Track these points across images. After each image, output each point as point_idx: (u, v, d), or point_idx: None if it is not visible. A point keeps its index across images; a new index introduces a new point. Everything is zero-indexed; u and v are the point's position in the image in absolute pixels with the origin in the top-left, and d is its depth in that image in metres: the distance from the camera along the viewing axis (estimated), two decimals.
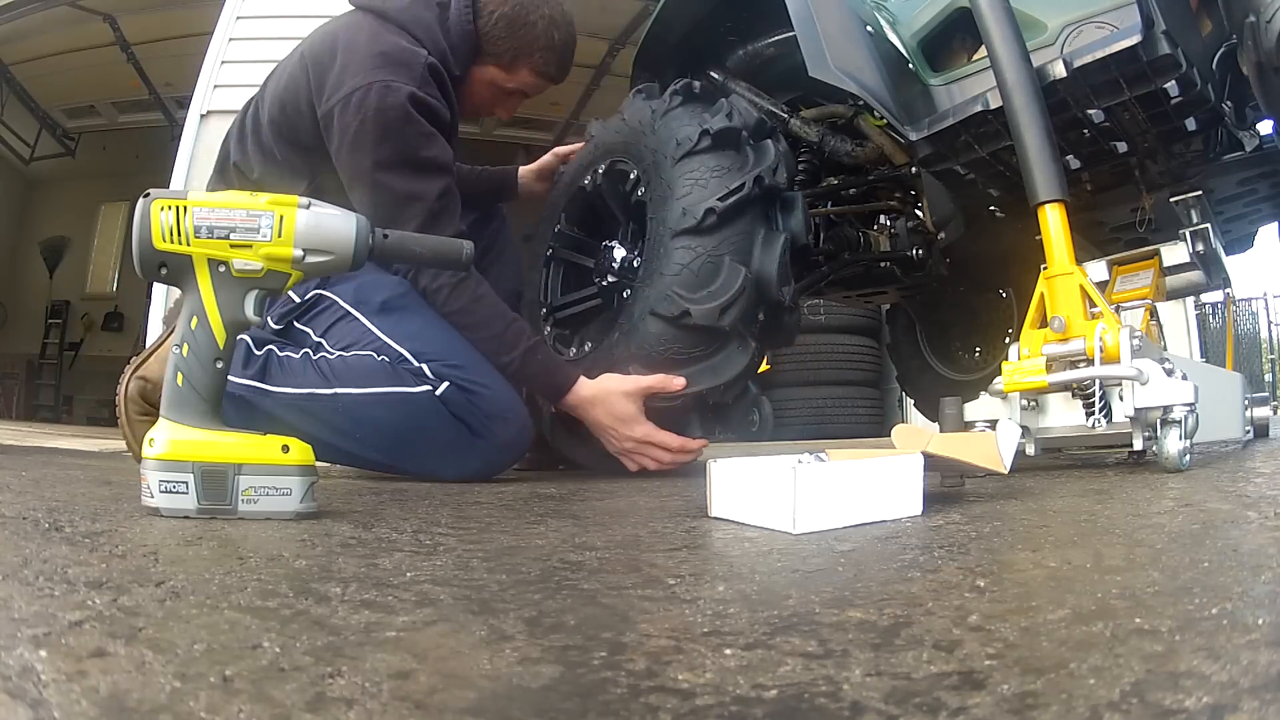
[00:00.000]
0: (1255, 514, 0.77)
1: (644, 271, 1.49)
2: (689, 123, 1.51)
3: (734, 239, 1.43)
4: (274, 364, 1.37)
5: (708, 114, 1.52)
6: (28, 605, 0.46)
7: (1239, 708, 0.31)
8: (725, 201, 1.41)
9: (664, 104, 1.59)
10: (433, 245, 1.05)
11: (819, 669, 0.37)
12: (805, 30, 1.57)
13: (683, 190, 1.45)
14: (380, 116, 1.36)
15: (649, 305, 1.42)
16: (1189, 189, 1.59)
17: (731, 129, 1.49)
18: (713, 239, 1.42)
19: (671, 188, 1.47)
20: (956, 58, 1.71)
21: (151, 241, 0.85)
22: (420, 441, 1.36)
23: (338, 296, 1.44)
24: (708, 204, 1.41)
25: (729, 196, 1.41)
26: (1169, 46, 1.30)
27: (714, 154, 1.47)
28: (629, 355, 1.44)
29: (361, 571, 0.58)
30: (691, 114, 1.54)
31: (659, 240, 1.46)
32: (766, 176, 1.46)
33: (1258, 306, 8.19)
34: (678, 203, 1.44)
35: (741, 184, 1.43)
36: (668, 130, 1.54)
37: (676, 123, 1.54)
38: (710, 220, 1.40)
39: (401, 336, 1.38)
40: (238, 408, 1.30)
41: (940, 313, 2.39)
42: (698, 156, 1.47)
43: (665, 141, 1.52)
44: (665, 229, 1.45)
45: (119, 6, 5.69)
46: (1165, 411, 1.14)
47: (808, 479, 0.75)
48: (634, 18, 4.97)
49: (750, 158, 1.50)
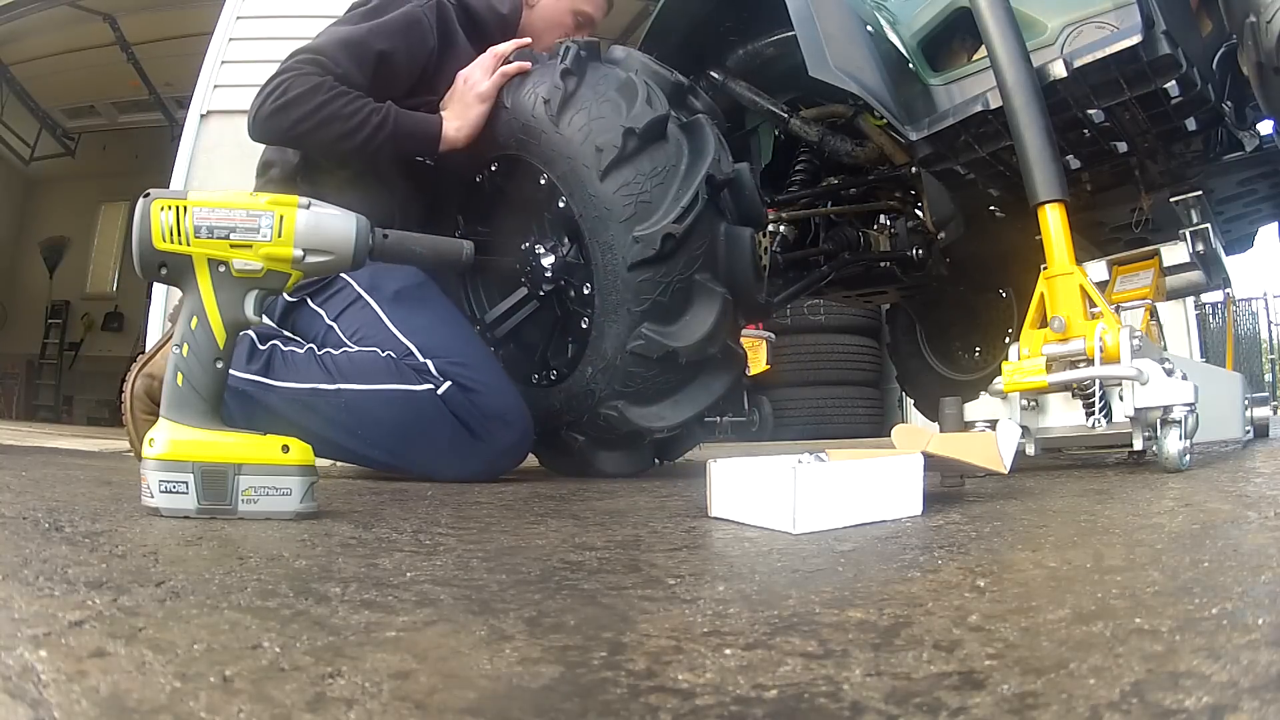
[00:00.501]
0: (1255, 514, 0.77)
1: (602, 303, 1.36)
2: (602, 115, 1.32)
3: (697, 253, 1.32)
4: (278, 359, 1.38)
5: (620, 99, 1.33)
6: (28, 605, 0.45)
7: (1239, 708, 0.31)
8: (683, 222, 1.28)
9: (559, 90, 1.37)
10: (433, 245, 1.05)
11: (819, 669, 0.37)
12: (805, 30, 1.57)
13: (625, 211, 1.30)
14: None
15: (621, 342, 1.33)
16: (1189, 189, 1.59)
17: (657, 119, 1.31)
18: (676, 263, 1.30)
19: (609, 207, 1.31)
20: (956, 58, 1.70)
21: (151, 241, 0.85)
22: (421, 440, 1.36)
23: (353, 280, 1.44)
24: (664, 229, 1.27)
25: (685, 215, 1.28)
26: (1169, 46, 1.30)
27: (647, 156, 1.31)
28: (613, 393, 1.37)
29: (361, 571, 0.58)
30: (600, 100, 1.34)
31: (612, 270, 1.32)
32: (715, 173, 1.32)
33: (1258, 306, 8.20)
34: (623, 226, 1.30)
35: (695, 195, 1.29)
36: (578, 131, 1.34)
37: (584, 118, 1.34)
38: (670, 245, 1.28)
39: (410, 330, 1.39)
40: (241, 402, 1.31)
41: (940, 313, 2.39)
42: (629, 164, 1.31)
43: (580, 147, 1.34)
44: (615, 257, 1.31)
45: (119, 6, 5.69)
46: (1165, 411, 1.14)
47: (808, 479, 0.75)
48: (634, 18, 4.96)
49: (684, 148, 1.33)
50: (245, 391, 1.33)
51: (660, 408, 1.39)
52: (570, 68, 1.38)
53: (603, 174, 1.32)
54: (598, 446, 1.48)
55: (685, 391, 1.40)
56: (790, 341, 5.03)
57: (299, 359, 1.38)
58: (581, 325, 1.43)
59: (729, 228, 1.37)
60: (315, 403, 1.34)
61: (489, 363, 1.43)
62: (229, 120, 3.72)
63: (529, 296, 1.57)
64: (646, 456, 1.53)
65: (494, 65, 1.49)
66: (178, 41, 5.51)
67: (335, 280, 1.45)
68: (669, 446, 1.55)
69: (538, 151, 1.43)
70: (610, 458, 1.49)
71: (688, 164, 1.33)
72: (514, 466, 1.46)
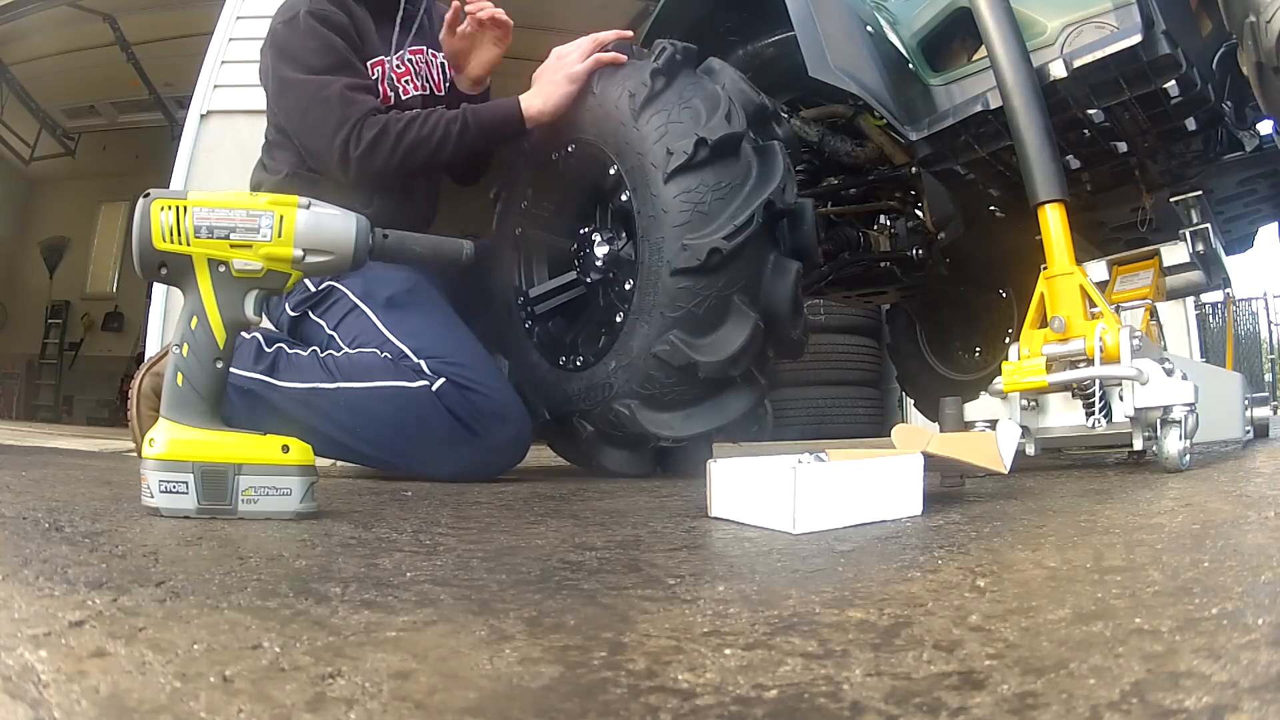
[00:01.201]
0: (1255, 514, 0.77)
1: (639, 301, 1.36)
2: (680, 120, 1.33)
3: (741, 274, 1.31)
4: (283, 360, 1.41)
5: (701, 105, 1.34)
6: (28, 605, 0.45)
7: (1239, 708, 0.31)
8: (732, 241, 1.27)
9: (645, 88, 1.39)
10: (433, 244, 1.04)
11: (819, 669, 0.37)
12: (805, 30, 1.57)
13: (680, 216, 1.30)
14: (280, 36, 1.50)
15: (648, 344, 1.33)
16: (1189, 189, 1.59)
17: (733, 135, 1.32)
18: (718, 278, 1.30)
19: (666, 210, 1.32)
20: (956, 58, 1.70)
21: (151, 241, 0.85)
22: (418, 437, 1.38)
23: (347, 289, 1.48)
24: (712, 242, 1.27)
25: (737, 234, 1.27)
26: (1169, 46, 1.30)
27: (714, 168, 1.31)
28: (630, 391, 1.37)
29: (361, 571, 0.58)
30: (682, 104, 1.35)
31: (655, 271, 1.33)
32: (777, 200, 1.32)
33: (1258, 306, 8.20)
34: (675, 231, 1.30)
35: (750, 216, 1.29)
36: (654, 130, 1.35)
37: (662, 118, 1.35)
38: (715, 260, 1.28)
39: (404, 333, 1.42)
40: (247, 400, 1.35)
41: (940, 313, 2.39)
42: (694, 173, 1.31)
43: (652, 146, 1.35)
44: (661, 260, 1.31)
45: (119, 6, 5.69)
46: (1165, 411, 1.14)
47: (808, 479, 0.75)
48: (634, 18, 4.96)
49: (753, 169, 1.34)
50: (251, 390, 1.37)
51: (672, 417, 1.38)
52: (661, 68, 1.40)
53: (668, 176, 1.32)
54: (603, 441, 1.48)
55: (700, 407, 1.39)
56: None
57: (302, 360, 1.41)
58: (616, 319, 1.45)
59: (778, 258, 1.37)
60: (315, 400, 1.36)
61: (484, 362, 1.45)
62: (229, 120, 3.71)
63: (576, 281, 1.59)
64: (647, 461, 1.51)
65: (591, 50, 1.50)
66: (178, 41, 5.51)
67: (332, 292, 1.50)
68: (673, 458, 1.52)
69: (613, 143, 1.44)
70: (613, 454, 1.49)
71: (752, 186, 1.33)
72: (511, 465, 1.47)
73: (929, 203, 1.90)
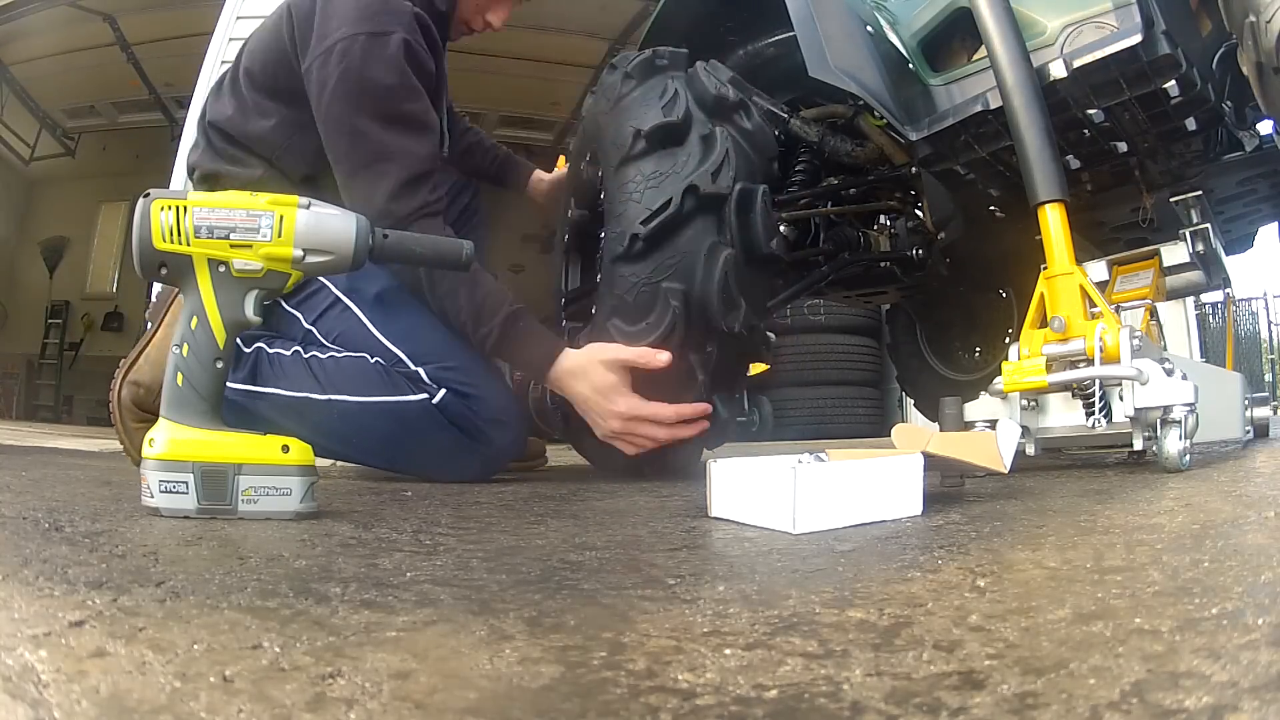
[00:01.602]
0: (1255, 514, 0.77)
1: (601, 290, 1.38)
2: (633, 117, 1.34)
3: (671, 261, 1.28)
4: (264, 363, 1.35)
5: (656, 101, 1.34)
6: (28, 605, 0.46)
7: (1239, 708, 0.31)
8: (649, 225, 1.26)
9: (617, 88, 1.41)
10: (433, 245, 1.05)
11: (819, 669, 0.37)
12: (805, 30, 1.57)
13: (621, 207, 1.31)
14: (365, 67, 1.29)
15: (596, 335, 1.35)
16: (1189, 189, 1.59)
17: (668, 125, 1.30)
18: (646, 265, 1.28)
19: (613, 202, 1.33)
20: (956, 58, 1.70)
21: (151, 241, 0.85)
22: (418, 449, 1.35)
23: (328, 281, 1.38)
24: (633, 229, 1.27)
25: (652, 219, 1.26)
26: (1169, 46, 1.30)
27: (652, 158, 1.31)
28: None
29: (361, 571, 0.58)
30: (641, 103, 1.36)
31: (610, 262, 1.34)
32: (702, 184, 1.28)
33: (1258, 306, 8.19)
34: (615, 220, 1.31)
35: (668, 200, 1.27)
36: (616, 126, 1.37)
37: (624, 116, 1.36)
38: (637, 247, 1.27)
39: (397, 336, 1.35)
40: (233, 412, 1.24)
41: (940, 313, 2.39)
42: (634, 163, 1.31)
43: (610, 145, 1.37)
44: (610, 250, 1.33)
45: (119, 6, 5.68)
46: (1165, 411, 1.14)
47: (808, 479, 0.75)
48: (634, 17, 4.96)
49: (689, 158, 1.31)
50: (235, 401, 1.26)
51: None
52: (631, 71, 1.42)
53: (615, 169, 1.36)
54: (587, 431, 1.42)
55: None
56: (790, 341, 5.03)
57: (286, 362, 1.35)
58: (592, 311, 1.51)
59: (714, 244, 1.31)
60: (306, 411, 1.31)
61: (479, 363, 1.38)
62: None
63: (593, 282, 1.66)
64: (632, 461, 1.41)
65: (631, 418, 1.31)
66: (178, 41, 5.50)
67: (310, 281, 1.36)
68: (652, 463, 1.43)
69: (600, 148, 1.48)
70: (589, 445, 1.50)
71: (683, 174, 1.30)
72: (510, 462, 1.46)
73: (929, 203, 1.90)
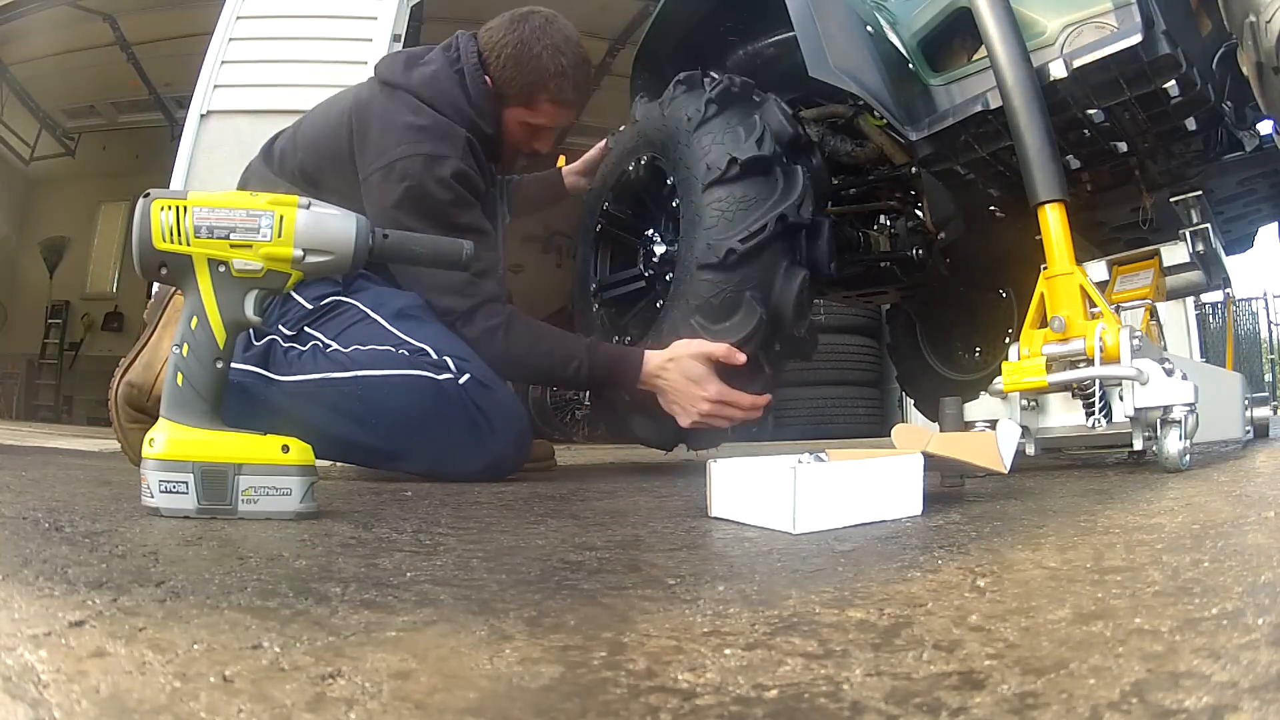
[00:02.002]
0: (1255, 514, 0.77)
1: (674, 290, 1.55)
2: (721, 142, 1.52)
3: (755, 275, 1.48)
4: (278, 353, 1.35)
5: (741, 130, 1.52)
6: (28, 605, 0.46)
7: (1239, 708, 0.31)
8: (746, 244, 1.45)
9: (699, 111, 1.58)
10: (433, 245, 1.05)
11: (819, 669, 0.37)
12: (805, 30, 1.57)
13: (709, 220, 1.49)
14: (424, 186, 1.43)
15: (675, 326, 1.50)
16: (1189, 189, 1.59)
17: (761, 158, 1.50)
18: (734, 275, 1.47)
19: (700, 215, 1.50)
20: (956, 58, 1.70)
21: (151, 241, 0.85)
22: (436, 429, 1.34)
23: (356, 300, 1.44)
24: (729, 243, 1.45)
25: (750, 239, 1.45)
26: (1169, 46, 1.30)
27: (742, 184, 1.49)
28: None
29: (361, 571, 0.58)
30: (726, 129, 1.54)
31: (687, 265, 1.51)
32: (790, 214, 1.48)
33: (1258, 306, 8.19)
34: (704, 233, 1.48)
35: (764, 224, 1.46)
36: (700, 147, 1.54)
37: (709, 139, 1.54)
38: (731, 259, 1.45)
39: (421, 337, 1.39)
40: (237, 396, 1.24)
41: (940, 313, 2.39)
42: (725, 185, 1.49)
43: (697, 160, 1.54)
44: (693, 256, 1.50)
45: (119, 6, 5.68)
46: (1165, 411, 1.14)
47: (808, 479, 0.75)
48: (634, 17, 4.96)
49: (778, 187, 1.50)
50: (242, 384, 1.27)
51: None
52: (714, 97, 1.59)
53: (705, 187, 1.51)
54: (635, 409, 1.61)
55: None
56: None
57: (303, 355, 1.36)
58: (657, 305, 1.66)
59: (790, 265, 1.52)
60: (322, 393, 1.31)
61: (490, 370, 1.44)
62: (229, 120, 3.72)
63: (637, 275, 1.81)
64: (671, 433, 1.62)
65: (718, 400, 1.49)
66: (178, 41, 5.50)
67: (338, 305, 1.44)
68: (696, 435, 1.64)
69: (672, 157, 1.64)
70: (642, 423, 1.64)
71: (774, 201, 1.50)
72: (515, 468, 1.46)
73: (929, 203, 1.90)
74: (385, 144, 1.46)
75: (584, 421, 4.97)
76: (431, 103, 1.51)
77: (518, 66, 1.58)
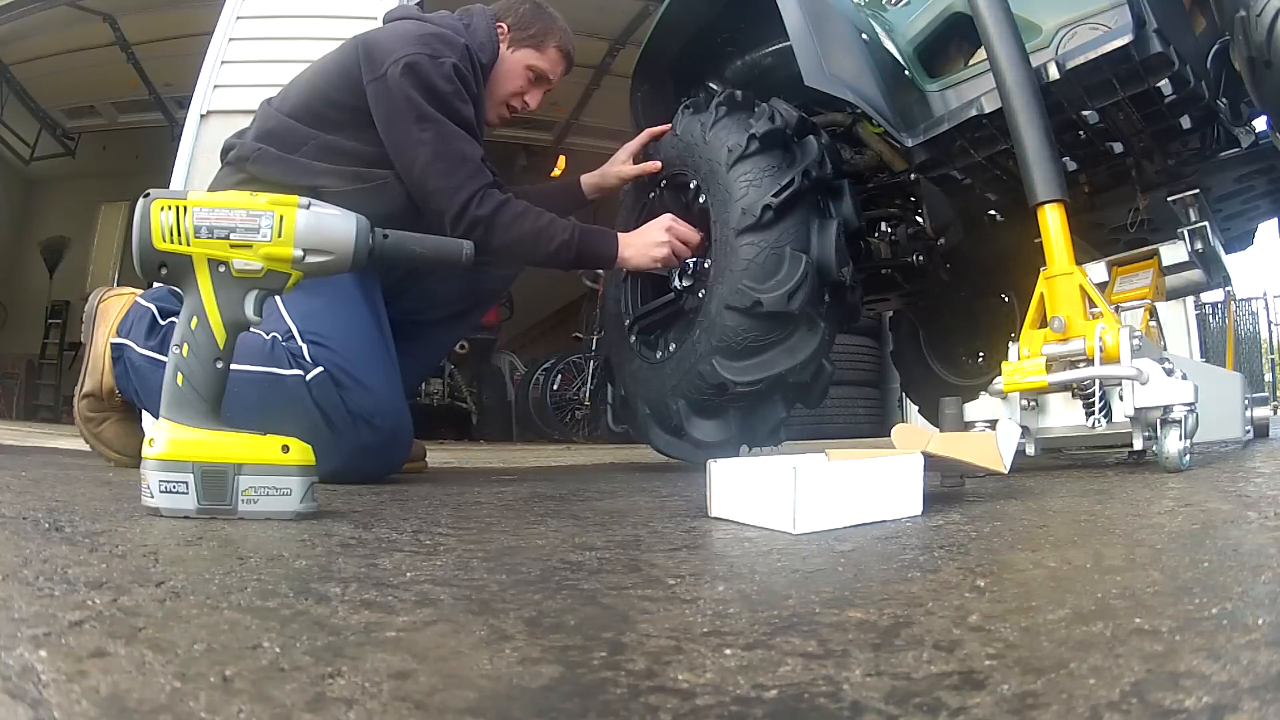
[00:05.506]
0: (1255, 514, 0.77)
1: (715, 271, 1.62)
2: (736, 130, 1.65)
3: (792, 230, 1.57)
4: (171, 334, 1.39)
5: (752, 119, 1.65)
6: (28, 605, 0.45)
7: (1239, 708, 0.31)
8: (779, 197, 1.54)
9: (711, 116, 1.72)
10: (433, 245, 1.04)
11: (819, 669, 0.37)
12: (801, 40, 1.59)
13: (740, 192, 1.59)
14: (430, 77, 1.51)
15: (724, 300, 1.56)
16: (1186, 187, 1.59)
17: (775, 130, 1.61)
18: (772, 232, 1.56)
19: (730, 191, 1.61)
20: (953, 63, 1.71)
21: (151, 241, 0.85)
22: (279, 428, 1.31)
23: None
24: (764, 201, 1.55)
25: (782, 192, 1.55)
26: (1161, 45, 1.30)
27: (763, 155, 1.60)
28: (711, 349, 1.58)
29: (361, 571, 0.58)
30: (738, 121, 1.67)
31: (725, 240, 1.59)
32: (814, 169, 1.60)
33: (1258, 306, 8.20)
34: (737, 204, 1.58)
35: (791, 179, 1.57)
36: (718, 140, 1.67)
37: (725, 131, 1.67)
38: (768, 216, 1.54)
39: (300, 313, 1.37)
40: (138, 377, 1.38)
41: (942, 318, 2.39)
42: (749, 159, 1.61)
43: (717, 150, 1.66)
44: (729, 230, 1.58)
45: (119, 6, 5.68)
46: (1165, 411, 1.14)
47: (808, 479, 0.75)
48: (634, 18, 4.96)
49: (796, 154, 1.62)
50: (140, 368, 1.39)
51: (746, 364, 1.58)
52: (723, 100, 1.73)
53: (729, 166, 1.62)
54: (692, 412, 1.66)
55: (771, 352, 1.58)
56: None
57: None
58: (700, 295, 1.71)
59: (822, 221, 1.61)
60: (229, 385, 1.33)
61: (371, 361, 1.39)
62: (229, 120, 3.70)
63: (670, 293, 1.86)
64: (731, 428, 1.66)
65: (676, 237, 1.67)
66: (178, 41, 5.50)
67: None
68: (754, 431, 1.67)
69: (691, 161, 1.75)
70: (702, 425, 1.67)
71: (794, 164, 1.61)
72: (385, 471, 1.42)
73: (928, 209, 1.90)
74: (393, 46, 1.54)
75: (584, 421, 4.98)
76: (435, 23, 1.64)
77: (535, 14, 1.75)
